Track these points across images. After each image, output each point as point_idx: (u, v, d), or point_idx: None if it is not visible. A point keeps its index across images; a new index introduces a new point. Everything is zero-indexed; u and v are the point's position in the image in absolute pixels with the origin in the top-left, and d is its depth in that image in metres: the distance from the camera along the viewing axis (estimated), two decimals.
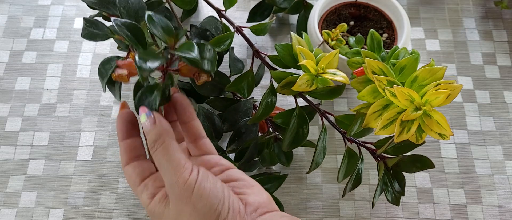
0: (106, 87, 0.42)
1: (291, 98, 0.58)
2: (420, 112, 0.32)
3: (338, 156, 0.54)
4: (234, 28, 0.48)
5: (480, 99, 0.59)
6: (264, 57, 0.47)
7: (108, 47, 0.61)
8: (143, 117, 0.35)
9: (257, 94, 0.58)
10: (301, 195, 0.52)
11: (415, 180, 0.53)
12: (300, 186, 0.53)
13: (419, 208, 0.52)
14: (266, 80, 0.58)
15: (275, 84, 0.43)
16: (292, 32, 0.43)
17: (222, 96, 0.51)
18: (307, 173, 0.46)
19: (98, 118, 0.57)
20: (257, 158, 0.49)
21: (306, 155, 0.55)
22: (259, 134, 0.50)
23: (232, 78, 0.48)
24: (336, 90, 0.41)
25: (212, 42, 0.45)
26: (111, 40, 0.61)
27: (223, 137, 0.52)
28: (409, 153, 0.43)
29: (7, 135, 0.56)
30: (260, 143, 0.47)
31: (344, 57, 0.47)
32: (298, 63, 0.40)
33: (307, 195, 0.52)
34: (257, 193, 0.35)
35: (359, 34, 0.49)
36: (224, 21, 0.50)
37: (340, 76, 0.38)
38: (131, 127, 0.38)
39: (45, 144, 0.55)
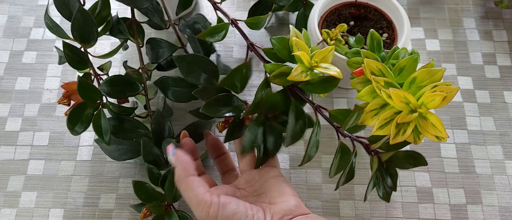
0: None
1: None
2: (415, 114, 0.32)
3: None
4: (229, 21, 0.48)
5: (480, 99, 0.59)
6: (258, 51, 0.46)
7: (108, 47, 0.61)
8: (170, 155, 0.41)
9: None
10: (301, 194, 0.52)
11: (415, 180, 0.53)
12: (300, 186, 0.53)
13: (419, 208, 0.52)
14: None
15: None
16: (291, 26, 0.42)
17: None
18: (299, 165, 0.45)
19: None
20: None
21: None
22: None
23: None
24: (331, 81, 0.40)
25: (207, 32, 0.45)
26: (112, 40, 0.61)
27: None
28: (404, 149, 0.42)
29: (7, 135, 0.56)
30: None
31: (344, 57, 0.47)
32: (292, 54, 0.39)
33: (307, 194, 0.52)
34: (285, 201, 0.39)
35: (359, 34, 0.49)
36: (219, 14, 0.48)
37: (333, 71, 0.38)
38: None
39: (45, 144, 0.55)
